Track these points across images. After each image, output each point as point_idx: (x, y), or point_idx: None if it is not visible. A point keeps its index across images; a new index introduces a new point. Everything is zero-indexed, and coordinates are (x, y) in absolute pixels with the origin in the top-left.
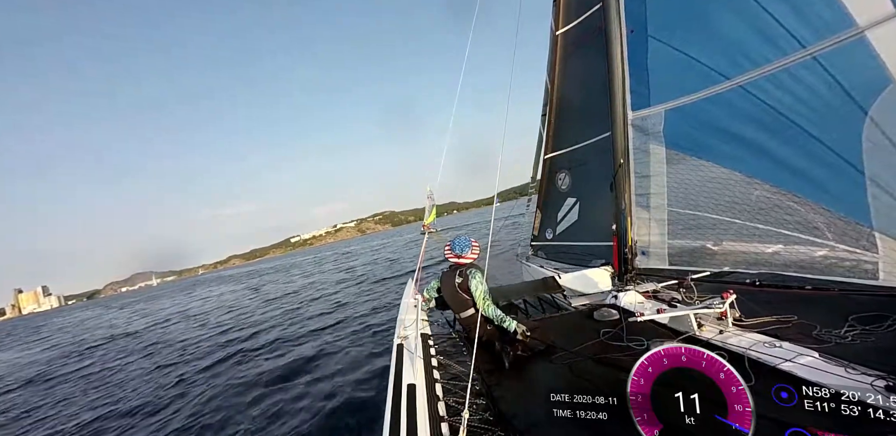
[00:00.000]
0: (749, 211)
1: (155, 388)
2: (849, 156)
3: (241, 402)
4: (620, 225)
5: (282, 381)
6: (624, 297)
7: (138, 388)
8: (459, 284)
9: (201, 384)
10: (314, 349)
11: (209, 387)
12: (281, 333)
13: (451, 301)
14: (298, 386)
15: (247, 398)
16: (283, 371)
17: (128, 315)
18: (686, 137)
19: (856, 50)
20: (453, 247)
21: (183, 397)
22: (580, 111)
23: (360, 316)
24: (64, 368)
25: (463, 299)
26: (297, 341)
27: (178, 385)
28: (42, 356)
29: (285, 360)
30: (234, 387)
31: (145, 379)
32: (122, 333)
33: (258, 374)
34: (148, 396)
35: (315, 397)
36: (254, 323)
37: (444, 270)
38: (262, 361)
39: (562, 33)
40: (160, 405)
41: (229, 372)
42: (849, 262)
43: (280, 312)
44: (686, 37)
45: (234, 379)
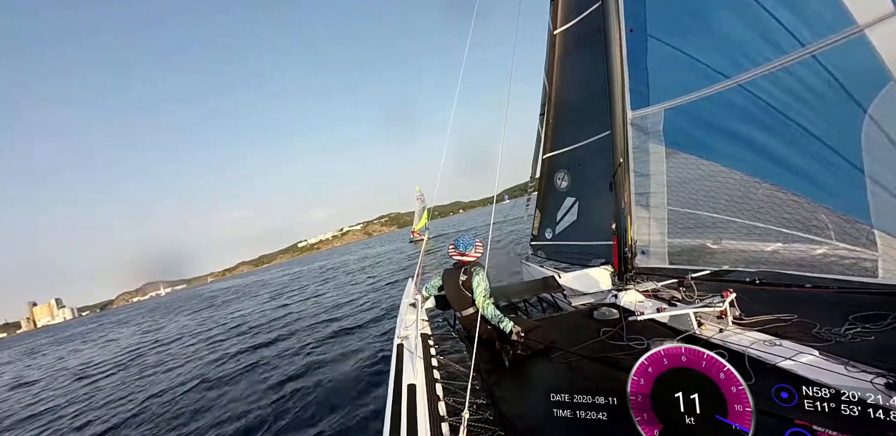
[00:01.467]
0: (749, 209)
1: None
2: (848, 154)
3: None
4: (620, 224)
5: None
6: (624, 296)
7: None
8: (463, 282)
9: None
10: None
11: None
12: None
13: (453, 299)
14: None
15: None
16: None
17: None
18: (685, 135)
19: (855, 48)
20: (457, 245)
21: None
22: (579, 111)
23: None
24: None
25: (465, 297)
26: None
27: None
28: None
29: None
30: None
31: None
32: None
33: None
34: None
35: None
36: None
37: (447, 268)
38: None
39: (560, 33)
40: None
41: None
42: (848, 260)
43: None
44: (685, 36)
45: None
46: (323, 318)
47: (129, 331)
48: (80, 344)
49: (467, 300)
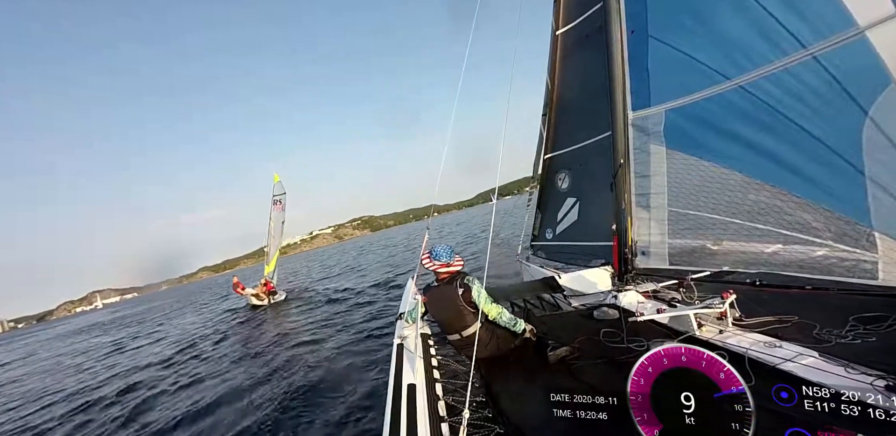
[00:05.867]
0: (749, 211)
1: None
2: (849, 156)
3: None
4: (621, 225)
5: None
6: (624, 297)
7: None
8: (464, 297)
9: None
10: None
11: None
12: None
13: (450, 319)
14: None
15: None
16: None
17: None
18: (686, 136)
19: (856, 50)
20: (437, 256)
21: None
22: (580, 111)
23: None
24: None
25: (467, 314)
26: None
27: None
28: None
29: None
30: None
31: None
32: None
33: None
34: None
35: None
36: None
37: (428, 285)
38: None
39: (562, 33)
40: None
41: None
42: (848, 262)
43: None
44: (686, 37)
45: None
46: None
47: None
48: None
49: (470, 317)
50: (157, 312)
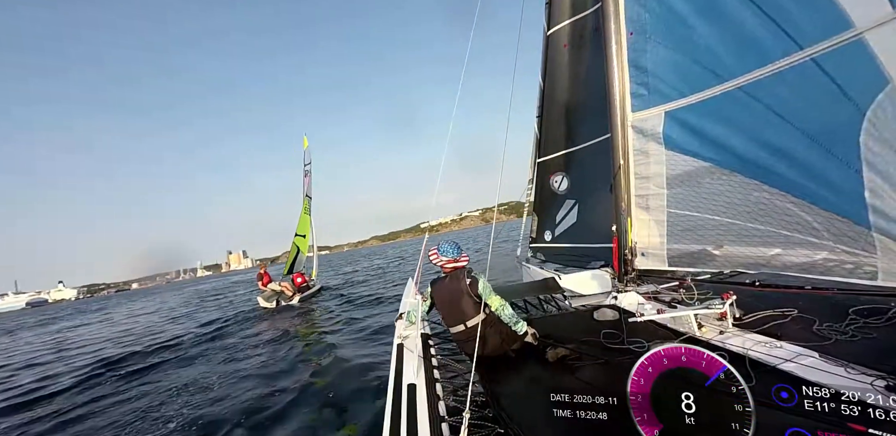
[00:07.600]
0: (748, 212)
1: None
2: (846, 157)
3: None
4: (621, 226)
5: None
6: (624, 298)
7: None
8: (471, 287)
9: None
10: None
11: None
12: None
13: (456, 311)
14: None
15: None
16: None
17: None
18: (685, 138)
19: (854, 51)
20: (444, 252)
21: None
22: (576, 113)
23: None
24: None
25: (472, 306)
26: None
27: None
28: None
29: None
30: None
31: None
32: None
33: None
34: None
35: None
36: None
37: (436, 279)
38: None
39: (554, 33)
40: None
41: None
42: (848, 263)
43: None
44: (685, 39)
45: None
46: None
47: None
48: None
49: (475, 307)
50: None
